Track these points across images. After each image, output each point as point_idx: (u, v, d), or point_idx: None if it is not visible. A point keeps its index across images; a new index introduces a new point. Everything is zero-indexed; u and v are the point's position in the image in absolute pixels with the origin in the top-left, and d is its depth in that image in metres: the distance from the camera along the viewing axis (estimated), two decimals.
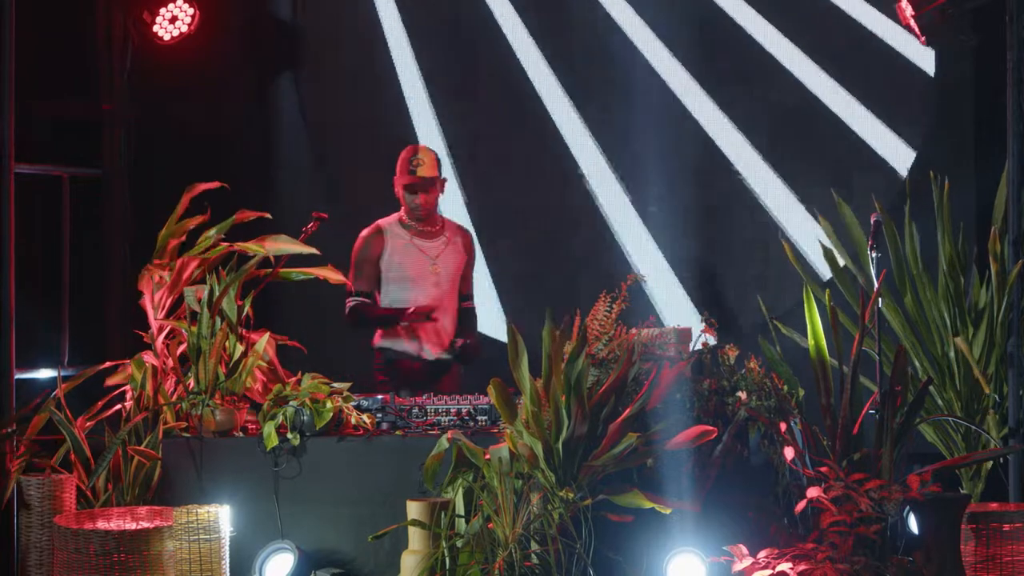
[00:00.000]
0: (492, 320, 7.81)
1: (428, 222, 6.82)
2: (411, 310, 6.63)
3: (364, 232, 6.82)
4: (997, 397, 6.83)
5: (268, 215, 6.76)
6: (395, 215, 6.85)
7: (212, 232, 6.64)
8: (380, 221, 6.85)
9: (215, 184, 6.77)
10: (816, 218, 7.54)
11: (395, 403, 6.07)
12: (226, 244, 6.56)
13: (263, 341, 6.19)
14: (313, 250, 6.52)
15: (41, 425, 6.21)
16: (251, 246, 6.48)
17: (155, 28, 7.77)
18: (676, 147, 8.09)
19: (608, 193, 8.18)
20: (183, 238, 6.67)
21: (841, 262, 7.22)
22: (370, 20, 8.36)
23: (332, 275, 6.62)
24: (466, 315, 6.92)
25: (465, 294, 6.92)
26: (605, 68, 8.21)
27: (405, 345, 6.75)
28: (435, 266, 6.77)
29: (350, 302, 6.78)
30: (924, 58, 7.96)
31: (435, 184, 6.74)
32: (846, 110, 8.07)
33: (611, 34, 8.20)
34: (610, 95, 8.18)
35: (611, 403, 5.48)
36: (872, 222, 6.07)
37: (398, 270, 6.76)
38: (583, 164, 8.21)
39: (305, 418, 5.90)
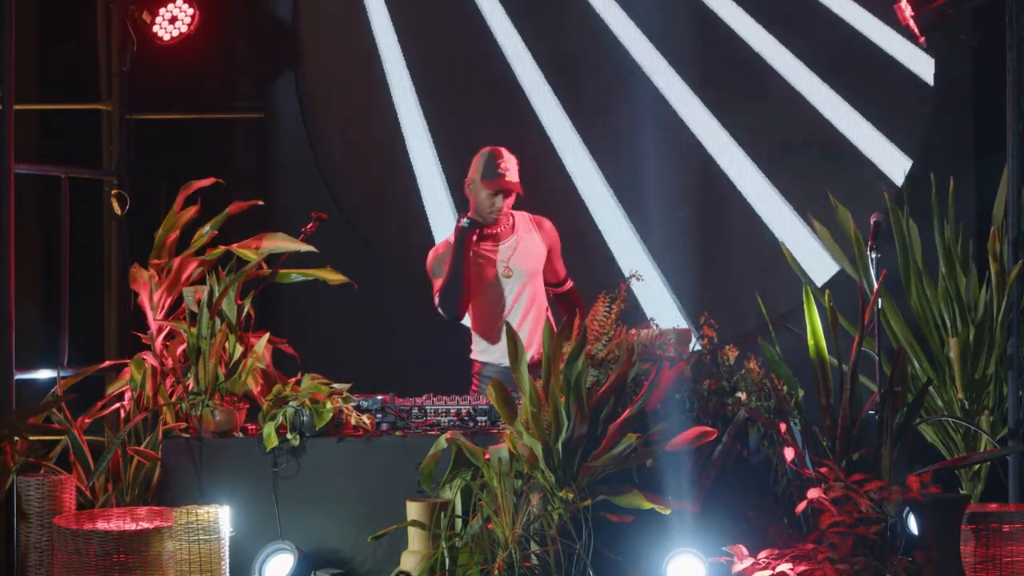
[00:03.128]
0: None
1: (497, 224, 6.49)
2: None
3: (436, 246, 6.57)
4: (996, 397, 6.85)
5: (260, 202, 6.74)
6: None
7: (206, 228, 6.63)
8: (451, 233, 6.51)
9: (210, 181, 6.75)
10: (811, 224, 7.54)
11: (395, 403, 6.07)
12: (223, 246, 6.55)
13: (263, 342, 6.19)
14: (311, 248, 6.50)
15: (40, 422, 6.20)
16: (247, 252, 6.44)
17: (155, 28, 7.76)
18: (677, 147, 8.10)
19: (610, 194, 8.18)
20: (178, 232, 6.66)
21: (839, 264, 7.22)
22: (370, 20, 8.36)
23: (331, 276, 6.60)
24: (568, 297, 6.62)
25: (558, 281, 6.61)
26: (602, 73, 8.20)
27: (499, 356, 6.40)
28: (507, 269, 6.48)
29: (436, 299, 6.49)
30: (924, 58, 7.95)
31: (518, 189, 6.44)
32: (846, 111, 8.06)
33: (608, 42, 8.18)
34: (608, 98, 8.18)
35: (611, 404, 5.48)
36: (872, 222, 6.06)
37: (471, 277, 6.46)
38: (581, 163, 8.21)
39: (305, 419, 5.90)
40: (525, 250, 6.54)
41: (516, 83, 8.27)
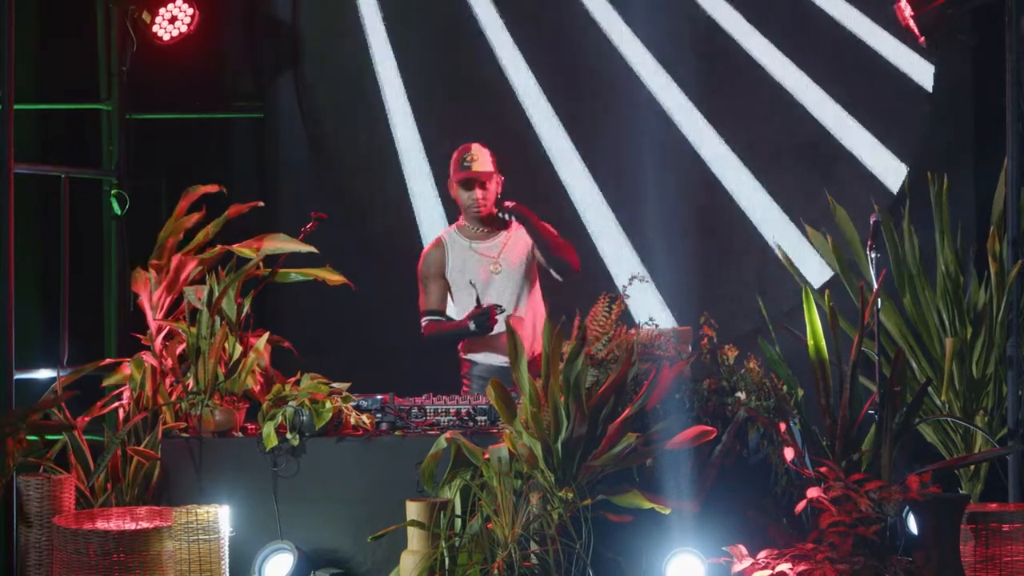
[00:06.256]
0: None
1: (488, 221, 6.62)
2: (473, 312, 6.41)
3: (425, 248, 6.72)
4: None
5: (260, 203, 6.74)
6: (454, 224, 6.72)
7: (207, 229, 6.63)
8: (441, 232, 6.73)
9: (214, 188, 6.77)
10: (803, 228, 7.55)
11: (394, 403, 6.07)
12: (222, 245, 6.55)
13: (262, 341, 6.19)
14: (311, 248, 6.51)
15: (39, 417, 6.19)
16: (246, 250, 6.45)
17: (155, 28, 7.77)
18: (675, 146, 8.10)
19: (608, 193, 8.18)
20: (181, 236, 6.67)
21: (835, 265, 7.22)
22: (370, 19, 8.36)
23: (330, 276, 6.60)
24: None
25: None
26: (596, 77, 8.19)
27: (494, 357, 6.56)
28: (495, 266, 6.58)
29: (423, 322, 6.66)
30: (924, 58, 7.96)
31: (491, 179, 6.57)
32: (845, 110, 8.07)
33: (603, 45, 8.19)
34: (607, 99, 8.18)
35: (610, 403, 5.48)
36: (871, 222, 6.07)
37: (461, 277, 6.59)
38: (582, 164, 8.21)
39: (304, 418, 5.90)
40: (514, 246, 6.60)
41: (511, 87, 8.26)
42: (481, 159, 6.58)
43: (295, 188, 8.23)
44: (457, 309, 6.66)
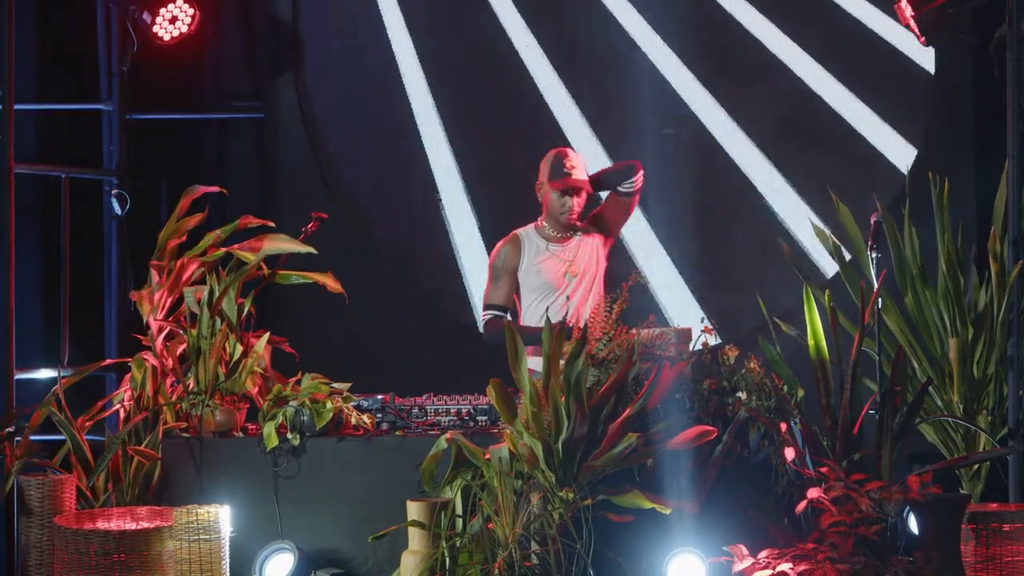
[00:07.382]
0: None
1: (571, 226, 6.54)
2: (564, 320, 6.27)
3: (500, 242, 6.60)
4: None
5: (272, 223, 6.74)
6: (532, 223, 6.62)
7: (217, 233, 6.62)
8: (517, 230, 6.61)
9: (214, 188, 6.76)
10: (811, 221, 7.55)
11: (395, 403, 6.07)
12: (224, 247, 6.54)
13: (263, 342, 6.19)
14: (311, 249, 6.50)
15: (40, 421, 6.19)
16: (247, 254, 6.44)
17: (155, 28, 7.77)
18: (677, 146, 8.10)
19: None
20: (183, 238, 6.67)
21: (837, 264, 7.22)
22: (370, 18, 8.36)
23: (331, 283, 6.58)
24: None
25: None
26: (604, 65, 8.19)
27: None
28: (572, 267, 6.50)
29: (485, 316, 6.56)
30: (924, 57, 7.96)
31: (587, 187, 6.49)
32: (846, 109, 8.07)
33: (612, 30, 8.19)
34: (610, 94, 8.18)
35: (611, 403, 5.48)
36: (872, 222, 6.06)
37: (536, 278, 6.51)
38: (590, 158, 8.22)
39: (305, 418, 5.90)
40: (588, 248, 6.55)
41: (526, 79, 8.26)
42: (580, 167, 6.49)
43: (295, 188, 8.23)
44: (524, 308, 6.56)
